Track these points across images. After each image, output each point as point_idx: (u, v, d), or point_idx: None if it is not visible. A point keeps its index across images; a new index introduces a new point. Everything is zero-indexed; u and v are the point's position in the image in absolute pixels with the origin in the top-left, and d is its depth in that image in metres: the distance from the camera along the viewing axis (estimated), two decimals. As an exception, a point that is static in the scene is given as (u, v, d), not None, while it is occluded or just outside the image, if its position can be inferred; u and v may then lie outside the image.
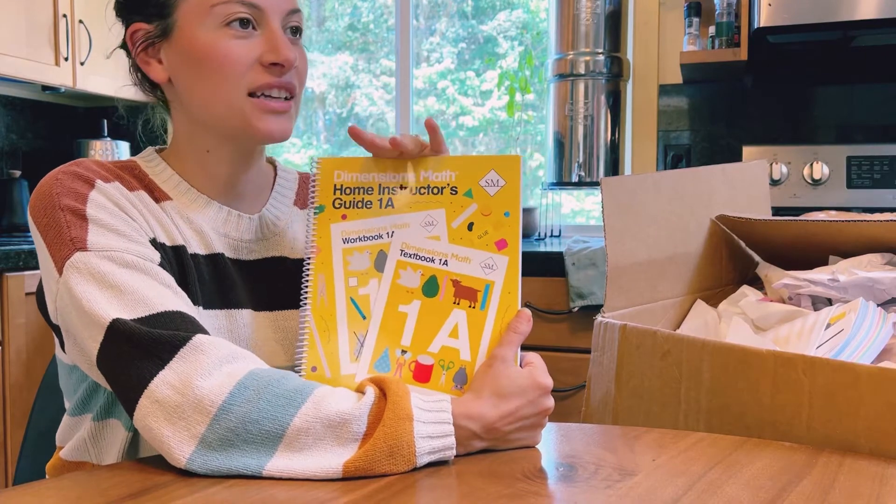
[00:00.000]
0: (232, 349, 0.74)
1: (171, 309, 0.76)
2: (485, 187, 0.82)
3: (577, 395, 2.13)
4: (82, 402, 0.89)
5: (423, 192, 0.83)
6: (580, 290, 2.10)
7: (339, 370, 0.80)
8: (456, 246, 0.82)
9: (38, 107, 3.02)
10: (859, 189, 2.37)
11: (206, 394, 0.69)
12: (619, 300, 1.04)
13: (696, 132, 2.64)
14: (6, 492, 0.68)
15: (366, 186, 0.85)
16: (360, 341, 0.81)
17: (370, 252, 0.83)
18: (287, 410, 0.69)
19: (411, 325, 0.81)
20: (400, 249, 0.82)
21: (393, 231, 0.83)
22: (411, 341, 0.80)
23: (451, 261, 0.81)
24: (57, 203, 0.80)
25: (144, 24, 0.89)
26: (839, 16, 2.11)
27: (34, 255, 2.13)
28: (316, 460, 0.69)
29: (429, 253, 0.82)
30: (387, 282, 0.82)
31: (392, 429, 0.69)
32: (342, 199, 0.84)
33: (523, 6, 3.00)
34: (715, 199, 1.18)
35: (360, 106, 3.20)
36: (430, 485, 0.68)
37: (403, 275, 0.82)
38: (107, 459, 0.87)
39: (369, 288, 0.82)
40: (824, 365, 0.79)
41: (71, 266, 0.77)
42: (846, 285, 1.01)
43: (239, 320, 0.90)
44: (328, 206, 0.84)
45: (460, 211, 0.82)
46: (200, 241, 0.89)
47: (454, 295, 0.81)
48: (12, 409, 2.10)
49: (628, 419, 0.95)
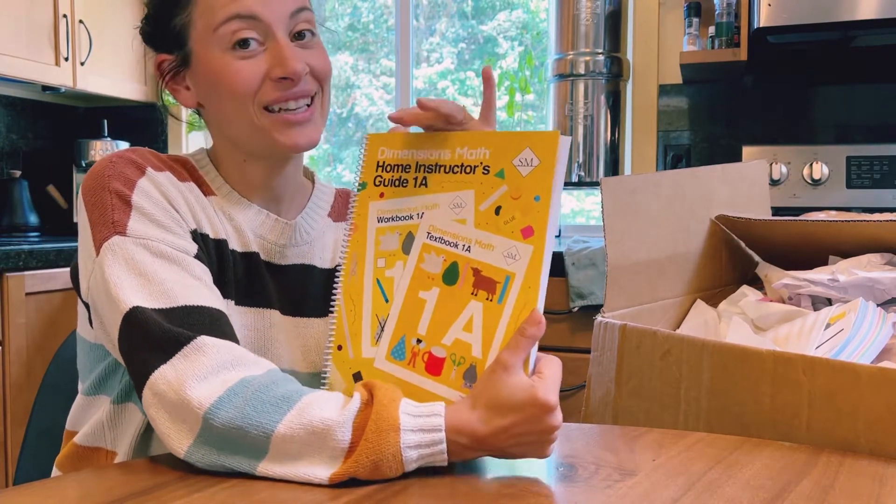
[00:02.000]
0: (235, 354, 0.74)
1: (193, 303, 0.77)
2: (518, 167, 0.73)
3: (577, 395, 2.13)
4: (99, 382, 0.91)
5: (457, 170, 0.77)
6: (580, 290, 2.11)
7: (361, 352, 0.78)
8: (481, 231, 0.74)
9: (38, 107, 3.02)
10: (859, 189, 2.37)
11: (194, 396, 0.70)
12: (619, 300, 1.04)
13: (696, 132, 2.64)
14: (6, 492, 0.68)
15: (404, 164, 0.80)
16: (381, 325, 0.77)
17: (400, 233, 0.78)
18: (272, 417, 0.69)
19: (428, 314, 0.75)
20: (427, 232, 0.77)
21: (423, 212, 0.77)
22: (427, 331, 0.75)
23: (475, 247, 0.74)
24: (106, 185, 0.82)
25: (167, 54, 0.92)
26: (839, 16, 2.11)
27: (34, 255, 2.13)
28: (305, 470, 0.68)
29: (453, 237, 0.75)
30: (411, 265, 0.77)
31: (374, 443, 0.67)
32: (382, 177, 0.81)
33: (523, 6, 3.00)
34: (715, 199, 1.18)
35: (360, 106, 3.20)
36: (430, 484, 0.68)
37: (427, 259, 0.76)
38: (121, 444, 0.89)
39: (395, 270, 0.78)
40: (824, 365, 0.79)
41: (107, 248, 0.79)
42: (846, 285, 1.01)
43: (267, 320, 0.92)
44: (370, 183, 0.81)
45: (490, 193, 0.74)
46: (239, 238, 0.91)
47: (473, 285, 0.73)
48: (12, 409, 2.10)
49: (628, 419, 0.95)
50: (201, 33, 0.87)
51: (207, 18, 0.86)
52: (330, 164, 3.26)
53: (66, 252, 2.23)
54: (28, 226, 2.78)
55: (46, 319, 2.20)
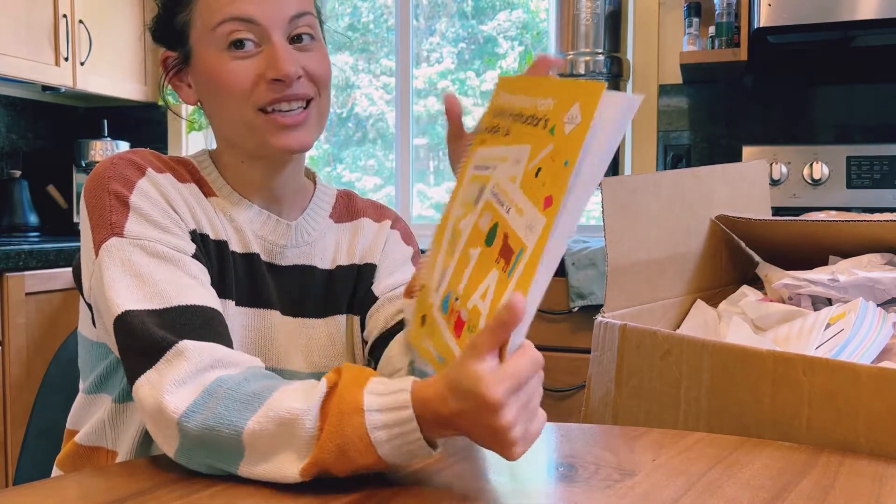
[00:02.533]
0: (217, 356, 0.74)
1: (187, 303, 0.78)
2: (565, 124, 0.63)
3: (577, 395, 2.13)
4: (100, 381, 0.92)
5: (529, 121, 0.68)
6: (580, 290, 2.11)
7: (429, 296, 0.75)
8: (521, 193, 0.65)
9: (38, 107, 3.02)
10: (859, 189, 2.37)
11: (170, 402, 0.70)
12: (619, 300, 1.05)
13: (695, 132, 2.64)
14: (6, 492, 0.68)
15: (507, 111, 0.73)
16: (441, 275, 0.74)
17: (478, 184, 0.73)
18: (242, 415, 0.68)
19: (468, 273, 0.69)
20: (491, 187, 0.70)
21: (497, 165, 0.71)
22: (462, 290, 0.69)
23: (512, 210, 0.66)
24: (106, 186, 0.83)
25: (171, 51, 0.93)
26: (839, 16, 2.11)
27: (34, 255, 2.13)
28: (277, 467, 0.66)
29: (503, 196, 0.68)
30: (472, 219, 0.72)
31: (336, 427, 0.64)
32: (491, 124, 0.75)
33: (523, 6, 3.00)
34: (715, 199, 1.18)
35: (360, 106, 3.20)
36: (430, 484, 0.68)
37: (484, 215, 0.70)
38: (122, 444, 0.89)
39: (465, 223, 0.73)
40: (824, 365, 0.79)
41: (105, 250, 0.80)
42: (846, 285, 1.01)
43: (267, 320, 0.93)
44: (482, 129, 0.77)
45: (539, 150, 0.65)
46: (239, 239, 0.92)
47: (499, 252, 0.66)
48: (12, 409, 2.10)
49: (628, 419, 0.95)
50: (200, 32, 0.88)
51: (206, 18, 0.87)
52: (330, 164, 3.26)
53: (66, 252, 2.23)
54: (28, 226, 2.78)
55: (46, 319, 2.20)
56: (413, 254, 1.05)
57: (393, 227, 1.04)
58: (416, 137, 3.10)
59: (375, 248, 1.01)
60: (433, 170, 3.13)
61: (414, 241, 1.07)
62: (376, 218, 1.04)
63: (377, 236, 1.02)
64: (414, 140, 3.08)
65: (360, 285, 1.00)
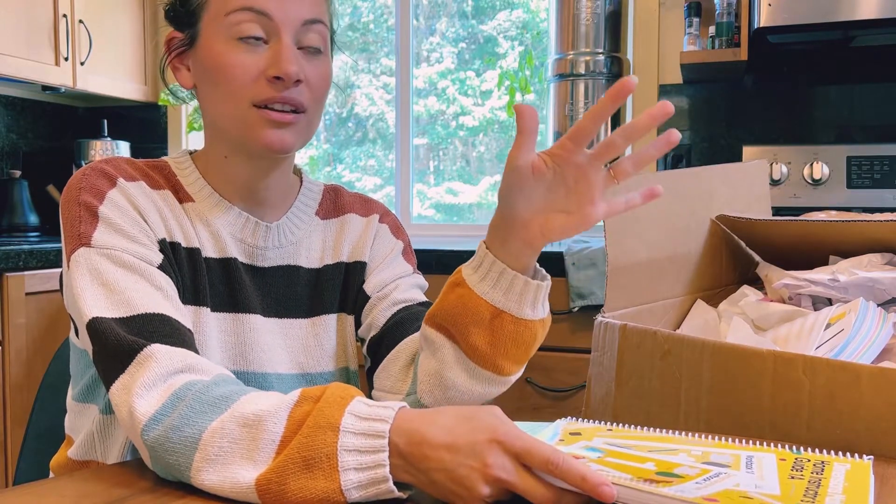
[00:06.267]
0: (188, 362, 0.74)
1: (152, 311, 0.78)
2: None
3: (577, 395, 2.13)
4: (87, 389, 0.92)
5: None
6: (580, 290, 2.11)
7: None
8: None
9: (38, 107, 3.02)
10: (859, 189, 2.37)
11: (140, 403, 0.70)
12: (619, 300, 1.04)
13: (696, 132, 2.64)
14: (6, 492, 0.68)
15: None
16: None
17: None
18: (208, 416, 0.67)
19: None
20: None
21: None
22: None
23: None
24: (77, 197, 0.84)
25: (178, 32, 0.93)
26: (839, 16, 2.11)
27: (34, 255, 2.14)
28: (232, 473, 0.63)
29: None
30: None
31: (310, 438, 0.62)
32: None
33: (523, 6, 3.00)
34: (715, 199, 1.18)
35: (360, 106, 3.20)
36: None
37: None
38: (111, 456, 0.89)
39: None
40: (824, 365, 0.79)
41: (74, 260, 0.81)
42: (846, 285, 1.01)
43: (246, 324, 0.92)
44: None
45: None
46: (215, 244, 0.91)
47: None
48: (12, 409, 2.10)
49: (628, 419, 0.94)
50: (212, 16, 0.88)
51: (222, 2, 0.87)
52: (330, 163, 3.26)
53: (66, 252, 2.23)
54: (28, 226, 2.78)
55: (46, 319, 2.20)
56: (403, 247, 1.03)
57: (381, 220, 1.03)
58: (416, 137, 3.10)
59: (364, 244, 1.00)
60: (433, 170, 3.13)
61: (403, 234, 1.05)
62: (363, 213, 1.03)
63: (365, 232, 1.01)
64: (414, 140, 3.08)
65: (351, 284, 0.99)
